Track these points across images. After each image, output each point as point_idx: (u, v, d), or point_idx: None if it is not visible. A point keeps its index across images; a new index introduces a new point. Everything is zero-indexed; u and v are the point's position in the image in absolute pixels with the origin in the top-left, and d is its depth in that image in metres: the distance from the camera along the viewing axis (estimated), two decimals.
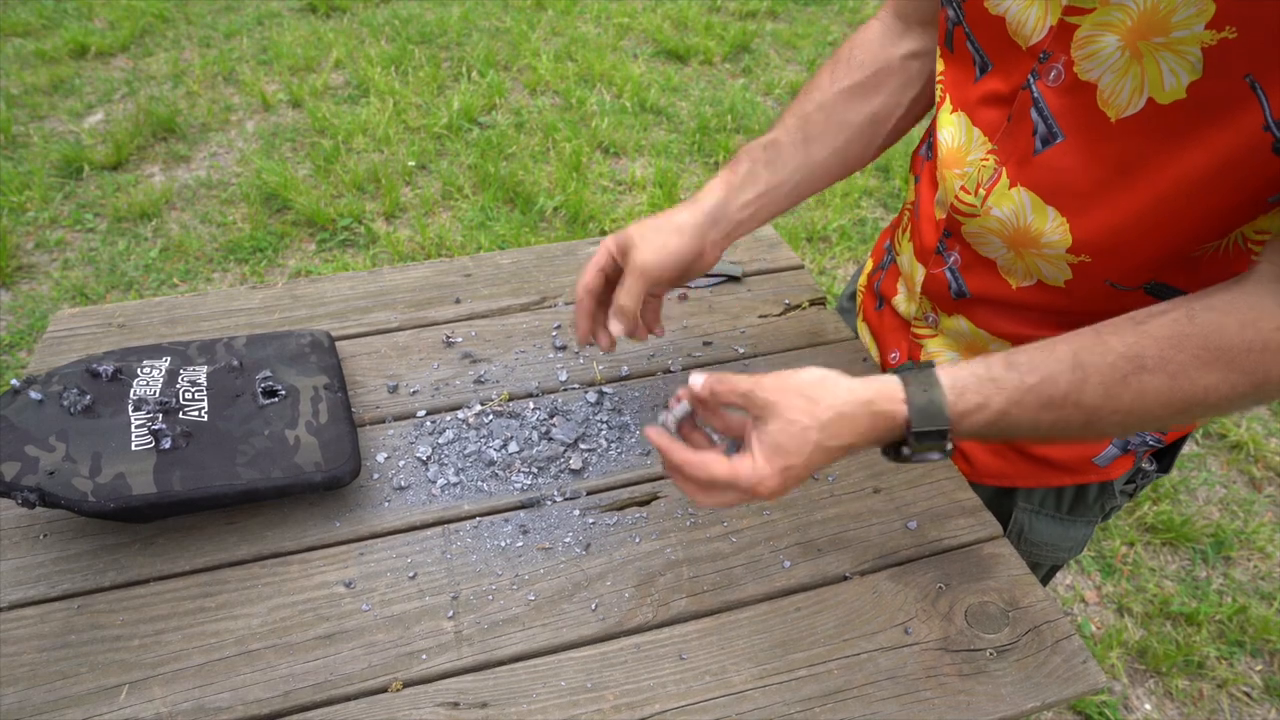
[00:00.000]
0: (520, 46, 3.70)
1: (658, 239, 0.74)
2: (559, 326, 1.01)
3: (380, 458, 0.84)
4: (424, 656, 0.68)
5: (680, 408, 0.66)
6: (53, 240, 2.64)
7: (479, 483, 0.82)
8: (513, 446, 0.85)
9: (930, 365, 0.61)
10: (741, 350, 0.99)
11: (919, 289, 0.85)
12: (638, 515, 0.80)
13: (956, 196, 0.76)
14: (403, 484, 0.81)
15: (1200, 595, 1.81)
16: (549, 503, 0.80)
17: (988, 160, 0.73)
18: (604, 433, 0.87)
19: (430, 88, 3.39)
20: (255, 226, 2.70)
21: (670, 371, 0.96)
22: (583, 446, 0.85)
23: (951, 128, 0.76)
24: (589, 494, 0.81)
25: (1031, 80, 0.67)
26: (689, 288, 1.08)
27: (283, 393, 0.81)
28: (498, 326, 1.01)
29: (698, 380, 0.63)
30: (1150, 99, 0.59)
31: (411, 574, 0.74)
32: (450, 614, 0.71)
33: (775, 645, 0.70)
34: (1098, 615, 1.79)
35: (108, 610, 0.71)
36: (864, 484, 0.83)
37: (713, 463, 0.60)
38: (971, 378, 0.59)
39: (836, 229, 2.76)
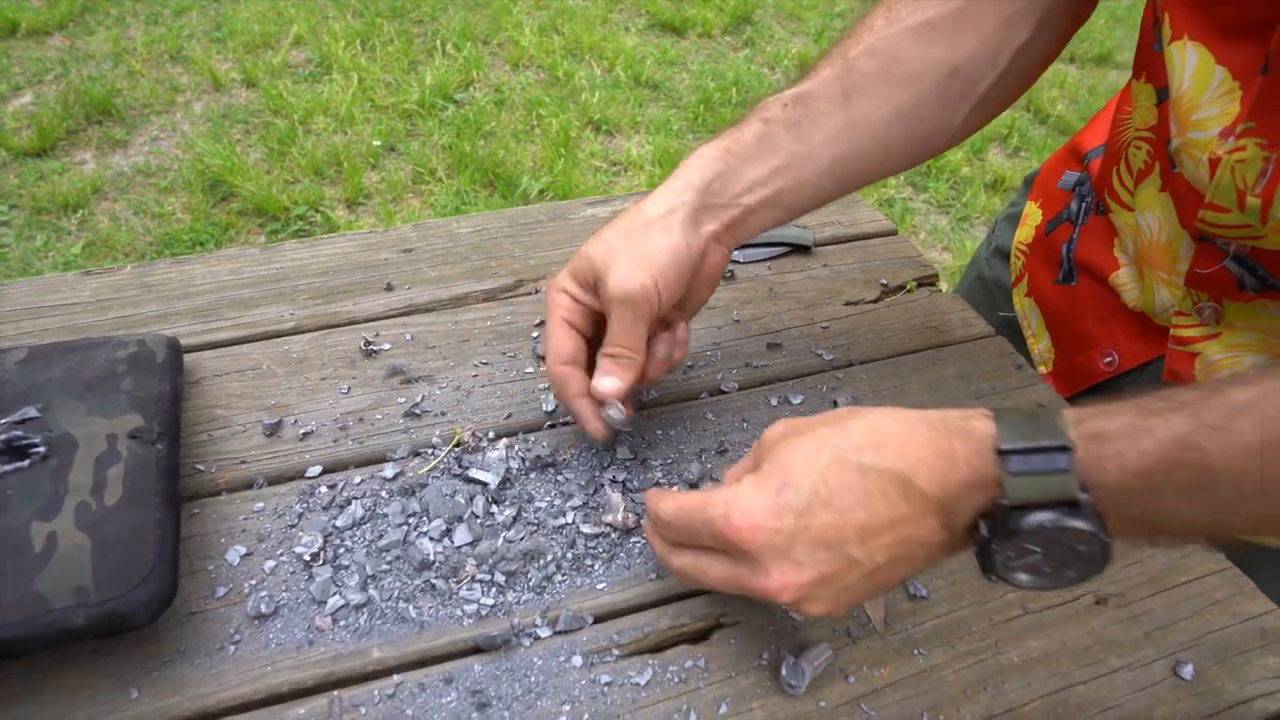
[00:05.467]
0: (501, 19, 3.36)
1: (635, 249, 0.49)
2: (542, 323, 0.66)
3: (232, 556, 0.48)
4: None
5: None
6: None
7: (402, 602, 0.46)
8: (463, 534, 0.49)
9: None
10: (829, 357, 0.64)
11: (1181, 278, 0.53)
12: (690, 663, 0.44)
13: (1202, 219, 0.51)
14: (267, 608, 0.46)
15: None
16: (525, 641, 0.45)
17: (1244, 148, 0.47)
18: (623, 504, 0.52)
19: (401, 64, 3.04)
20: (196, 217, 2.34)
21: (723, 392, 0.61)
22: (586, 530, 0.50)
23: (1178, 65, 0.50)
24: (598, 621, 0.46)
25: None
26: (735, 261, 0.73)
27: (42, 450, 0.45)
28: (448, 325, 0.66)
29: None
30: None
31: None
32: None
33: None
34: None
35: None
36: (1079, 589, 0.48)
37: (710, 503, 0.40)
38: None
39: None
